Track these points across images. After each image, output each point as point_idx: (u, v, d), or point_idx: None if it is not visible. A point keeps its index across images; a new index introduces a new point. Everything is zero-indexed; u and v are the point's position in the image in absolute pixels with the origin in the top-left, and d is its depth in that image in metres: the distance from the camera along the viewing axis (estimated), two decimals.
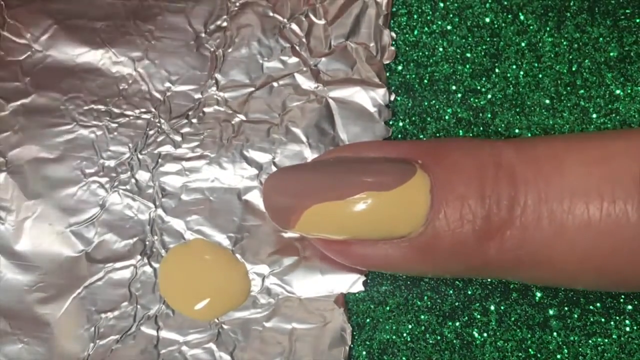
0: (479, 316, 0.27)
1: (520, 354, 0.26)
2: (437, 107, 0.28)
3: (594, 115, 0.28)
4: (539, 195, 0.22)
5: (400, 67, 0.29)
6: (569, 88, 0.28)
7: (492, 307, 0.27)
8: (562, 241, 0.22)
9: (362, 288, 0.27)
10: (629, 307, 0.26)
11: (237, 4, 0.29)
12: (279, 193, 0.24)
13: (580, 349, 0.26)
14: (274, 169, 0.28)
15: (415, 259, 0.23)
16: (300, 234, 0.24)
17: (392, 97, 0.28)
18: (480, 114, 0.28)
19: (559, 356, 0.26)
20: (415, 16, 0.29)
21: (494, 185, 0.22)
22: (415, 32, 0.29)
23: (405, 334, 0.27)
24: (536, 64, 0.28)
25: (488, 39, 0.29)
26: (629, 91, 0.28)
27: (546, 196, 0.22)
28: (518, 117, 0.28)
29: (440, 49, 0.29)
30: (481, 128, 0.28)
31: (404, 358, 0.27)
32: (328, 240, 0.24)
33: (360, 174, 0.23)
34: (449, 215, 0.22)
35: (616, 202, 0.21)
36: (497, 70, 0.28)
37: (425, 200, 0.22)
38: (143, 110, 0.28)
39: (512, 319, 0.27)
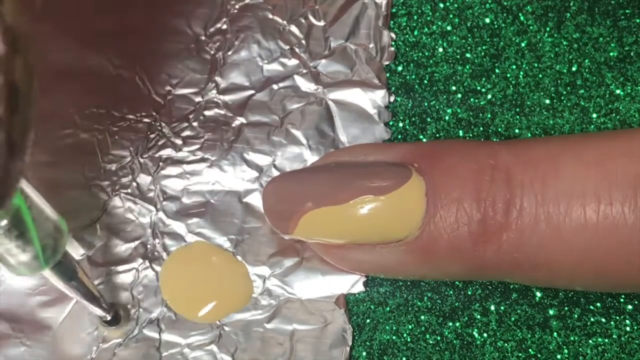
0: (479, 316, 0.27)
1: (520, 354, 0.26)
2: (437, 107, 0.28)
3: (594, 115, 0.28)
4: (535, 198, 0.22)
5: (400, 68, 0.29)
6: (569, 88, 0.28)
7: (492, 308, 0.27)
8: (559, 243, 0.22)
9: (362, 289, 0.27)
10: (629, 307, 0.26)
11: (237, 6, 0.29)
12: (278, 198, 0.24)
13: (580, 349, 0.26)
14: (274, 171, 0.28)
15: (413, 263, 0.23)
16: (299, 238, 0.24)
17: (392, 99, 0.28)
18: (480, 114, 0.28)
19: (559, 356, 0.26)
20: (415, 17, 0.29)
21: (490, 188, 0.22)
22: (415, 33, 0.29)
23: (405, 335, 0.27)
24: (536, 64, 0.28)
25: (488, 40, 0.29)
26: (629, 91, 0.28)
27: (543, 198, 0.22)
28: (518, 117, 0.28)
29: (440, 50, 0.29)
30: (481, 128, 0.28)
31: (404, 358, 0.27)
32: (327, 245, 0.25)
33: (357, 179, 0.23)
34: (444, 219, 0.22)
35: (613, 203, 0.21)
36: (497, 70, 0.28)
37: (421, 204, 0.22)
38: (144, 113, 0.28)
39: (512, 319, 0.27)
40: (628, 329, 0.26)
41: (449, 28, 0.29)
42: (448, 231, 0.22)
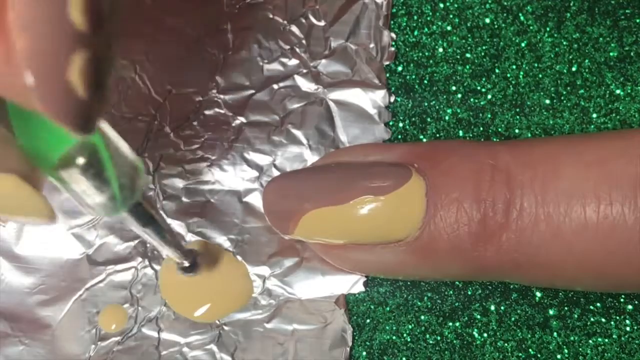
0: (479, 316, 0.27)
1: (520, 354, 0.26)
2: (437, 107, 0.28)
3: (594, 115, 0.28)
4: (535, 198, 0.22)
5: (400, 68, 0.29)
6: (569, 88, 0.28)
7: (492, 308, 0.27)
8: (559, 244, 0.22)
9: (362, 289, 0.27)
10: (629, 306, 0.26)
11: (237, 6, 0.29)
12: (278, 198, 0.24)
13: (580, 349, 0.26)
14: (274, 171, 0.28)
15: (412, 263, 0.23)
16: (300, 238, 0.24)
17: (392, 99, 0.28)
18: (480, 114, 0.28)
19: (559, 356, 0.26)
20: (415, 17, 0.29)
21: (490, 189, 0.22)
22: (415, 33, 0.29)
23: (405, 335, 0.27)
24: (536, 64, 0.28)
25: (488, 40, 0.29)
26: (629, 91, 0.28)
27: (542, 199, 0.22)
28: (518, 117, 0.28)
29: (440, 50, 0.29)
30: (481, 128, 0.28)
31: (404, 358, 0.27)
32: (327, 245, 0.25)
33: (357, 179, 0.23)
34: (444, 219, 0.22)
35: (613, 204, 0.21)
36: (497, 70, 0.28)
37: (421, 204, 0.22)
38: (144, 113, 0.28)
39: (512, 319, 0.27)
40: (628, 329, 0.26)
41: (449, 28, 0.29)
42: (448, 231, 0.22)
